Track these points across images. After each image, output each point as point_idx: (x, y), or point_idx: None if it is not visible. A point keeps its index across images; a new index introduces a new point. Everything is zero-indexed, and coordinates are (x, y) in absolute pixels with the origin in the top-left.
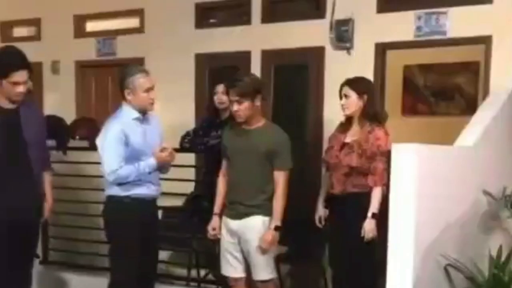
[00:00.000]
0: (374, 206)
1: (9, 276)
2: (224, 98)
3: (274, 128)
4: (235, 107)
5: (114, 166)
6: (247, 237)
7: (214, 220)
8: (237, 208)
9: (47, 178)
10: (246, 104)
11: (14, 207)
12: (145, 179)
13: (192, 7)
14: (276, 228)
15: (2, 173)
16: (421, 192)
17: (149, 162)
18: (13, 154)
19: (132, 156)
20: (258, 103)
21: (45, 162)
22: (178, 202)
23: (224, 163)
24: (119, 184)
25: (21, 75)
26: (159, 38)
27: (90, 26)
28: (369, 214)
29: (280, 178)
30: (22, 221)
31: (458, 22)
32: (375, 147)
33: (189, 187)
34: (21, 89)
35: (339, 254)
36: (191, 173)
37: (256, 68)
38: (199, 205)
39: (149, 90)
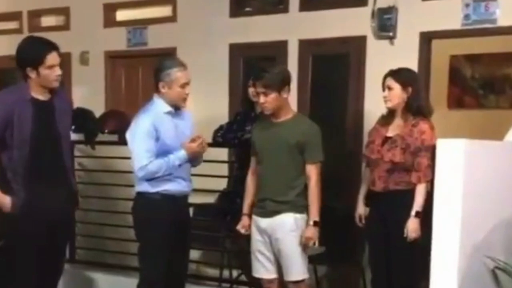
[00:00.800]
0: (417, 204)
1: (39, 276)
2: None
3: (303, 119)
4: (262, 99)
5: (144, 161)
6: (278, 236)
7: (244, 220)
8: (267, 206)
9: None
10: (272, 95)
11: (48, 204)
12: (176, 174)
13: None
14: (315, 224)
15: (32, 170)
16: (468, 190)
17: (179, 154)
18: (46, 147)
19: (163, 151)
20: (285, 95)
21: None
22: (210, 199)
23: (252, 161)
24: (149, 180)
25: (54, 56)
26: (192, 27)
27: (120, 15)
28: (413, 213)
29: (312, 171)
30: (57, 218)
31: (509, 9)
32: (420, 141)
33: (222, 184)
34: (58, 71)
35: (379, 255)
36: (224, 169)
37: (293, 59)
38: (232, 203)
39: (184, 85)
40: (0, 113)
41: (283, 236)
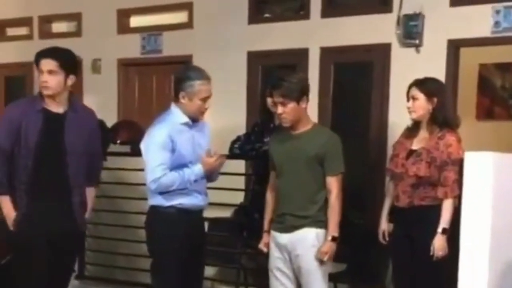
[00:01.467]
0: (444, 220)
1: None
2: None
3: (322, 130)
4: (280, 109)
5: (157, 174)
6: (298, 252)
7: (265, 237)
8: (287, 220)
9: (89, 192)
10: (291, 105)
11: (46, 219)
12: (191, 187)
13: (245, 0)
14: (333, 239)
15: (35, 181)
16: (497, 205)
17: (195, 169)
18: (49, 161)
19: (178, 163)
20: (304, 105)
21: (93, 175)
22: (226, 213)
23: (272, 176)
24: (163, 193)
25: (43, 63)
26: (209, 34)
27: (135, 21)
28: (439, 230)
29: (332, 184)
30: (56, 233)
31: None
32: (446, 155)
33: (239, 197)
34: (42, 78)
35: (404, 274)
36: (240, 182)
37: (314, 67)
38: (249, 217)
39: (206, 99)
40: (7, 127)
41: (304, 252)
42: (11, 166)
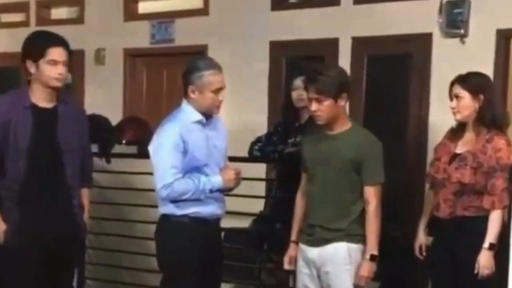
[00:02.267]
0: (491, 234)
1: None
2: (305, 94)
3: (362, 133)
4: (314, 106)
5: (168, 179)
6: (327, 269)
7: (291, 249)
8: (317, 233)
9: (85, 194)
10: (327, 103)
11: (46, 229)
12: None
13: None
14: (372, 258)
15: (28, 186)
16: None
17: (214, 179)
18: (42, 162)
19: (191, 167)
20: (342, 102)
21: (86, 174)
22: (244, 223)
23: (303, 178)
24: (174, 201)
25: (59, 52)
26: (226, 21)
27: (143, 6)
28: (485, 245)
29: (371, 194)
30: (53, 245)
31: None
32: (494, 160)
33: (258, 206)
34: (60, 69)
35: None
36: (261, 188)
37: (345, 59)
38: (270, 228)
39: (218, 91)
40: None
41: (334, 270)
42: None
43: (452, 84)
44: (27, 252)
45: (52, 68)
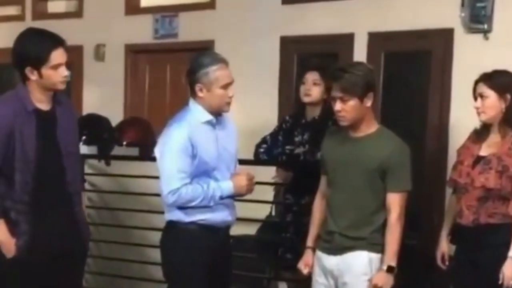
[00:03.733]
0: None
1: None
2: (316, 90)
3: (390, 137)
4: (338, 106)
5: (176, 184)
6: (345, 280)
7: (307, 255)
8: (336, 240)
9: (81, 198)
10: (352, 103)
11: (55, 240)
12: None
13: None
14: (389, 270)
15: (37, 197)
16: None
17: (224, 185)
18: (47, 170)
19: (200, 171)
20: (368, 103)
21: (81, 178)
22: (251, 230)
23: (322, 181)
24: (181, 208)
25: (61, 54)
26: (234, 15)
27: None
28: (510, 254)
29: (394, 202)
30: (59, 257)
31: None
32: None
33: (266, 211)
34: (65, 71)
35: None
36: (268, 193)
37: (360, 55)
38: (277, 235)
39: (227, 86)
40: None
41: (353, 281)
42: (1, 183)
43: (477, 82)
44: (36, 267)
45: (56, 72)
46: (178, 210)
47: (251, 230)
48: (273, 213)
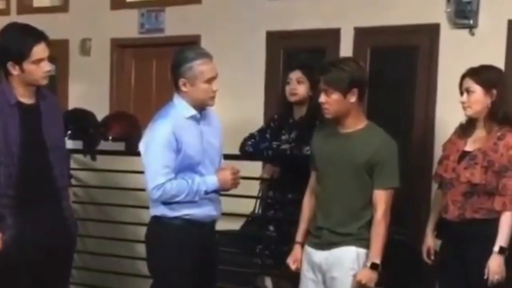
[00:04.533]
0: (502, 237)
1: None
2: (301, 89)
3: (378, 133)
4: (322, 97)
5: (160, 179)
6: (333, 275)
7: (296, 251)
8: (324, 236)
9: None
10: (335, 97)
11: (42, 236)
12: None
13: None
14: (373, 266)
15: (22, 191)
16: None
17: (209, 180)
18: (32, 164)
19: (185, 165)
20: (353, 99)
21: (68, 173)
22: (236, 225)
23: (312, 177)
24: (166, 203)
25: (42, 49)
26: (220, 10)
27: None
28: (496, 249)
29: (381, 199)
30: (47, 253)
31: None
32: (506, 158)
33: (250, 206)
34: (47, 66)
35: None
36: (253, 188)
37: (347, 51)
38: (262, 231)
39: (211, 80)
40: None
41: (341, 276)
42: None
43: (463, 77)
44: (23, 262)
45: (38, 67)
46: (163, 205)
47: (236, 225)
48: (257, 211)
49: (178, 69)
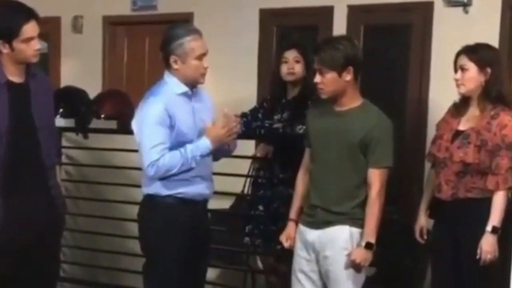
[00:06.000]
0: (495, 217)
1: None
2: (297, 68)
3: (373, 111)
4: (317, 78)
5: (154, 156)
6: (326, 254)
7: (289, 228)
8: (318, 214)
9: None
10: (330, 76)
11: (30, 217)
12: (193, 172)
13: None
14: (368, 246)
15: (10, 171)
16: None
17: (200, 143)
18: (21, 143)
19: (178, 142)
20: (348, 77)
21: (57, 152)
22: (227, 204)
23: (306, 155)
24: (162, 179)
25: (32, 27)
26: None
27: None
28: (488, 228)
29: (375, 178)
30: (36, 233)
31: None
32: (499, 138)
33: (241, 185)
34: (37, 45)
35: (445, 279)
36: (244, 167)
37: (340, 29)
38: (252, 209)
39: (202, 56)
40: None
41: (334, 255)
42: None
43: (458, 54)
44: (12, 241)
45: (28, 45)
46: (158, 182)
47: (226, 204)
48: (245, 191)
49: (169, 46)
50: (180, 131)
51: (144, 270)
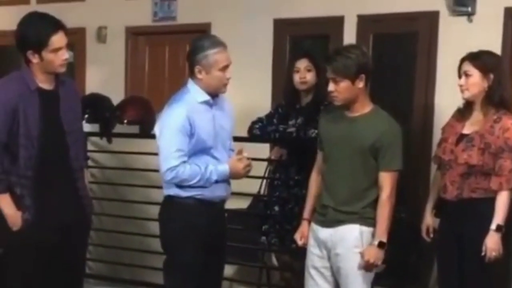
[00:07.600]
0: (498, 216)
1: None
2: (309, 77)
3: (383, 117)
4: (331, 86)
5: (173, 162)
6: (338, 251)
7: (303, 227)
8: (329, 214)
9: (84, 175)
10: (344, 84)
11: (60, 216)
12: None
13: None
14: (380, 245)
15: (41, 172)
16: None
17: (220, 169)
18: (51, 147)
19: (197, 149)
20: (360, 84)
21: (84, 155)
22: (244, 204)
23: (319, 157)
24: (178, 185)
25: (60, 38)
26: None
27: None
28: (492, 227)
29: (386, 181)
30: (64, 232)
31: None
32: (502, 140)
33: (257, 187)
34: (65, 55)
35: (451, 276)
36: (260, 170)
37: (350, 38)
38: (268, 210)
39: (225, 68)
40: (4, 108)
41: (345, 252)
42: (6, 159)
43: (462, 61)
44: (42, 240)
45: (56, 55)
46: (176, 186)
47: (243, 204)
48: (262, 192)
49: (194, 57)
50: (200, 138)
51: (165, 267)
